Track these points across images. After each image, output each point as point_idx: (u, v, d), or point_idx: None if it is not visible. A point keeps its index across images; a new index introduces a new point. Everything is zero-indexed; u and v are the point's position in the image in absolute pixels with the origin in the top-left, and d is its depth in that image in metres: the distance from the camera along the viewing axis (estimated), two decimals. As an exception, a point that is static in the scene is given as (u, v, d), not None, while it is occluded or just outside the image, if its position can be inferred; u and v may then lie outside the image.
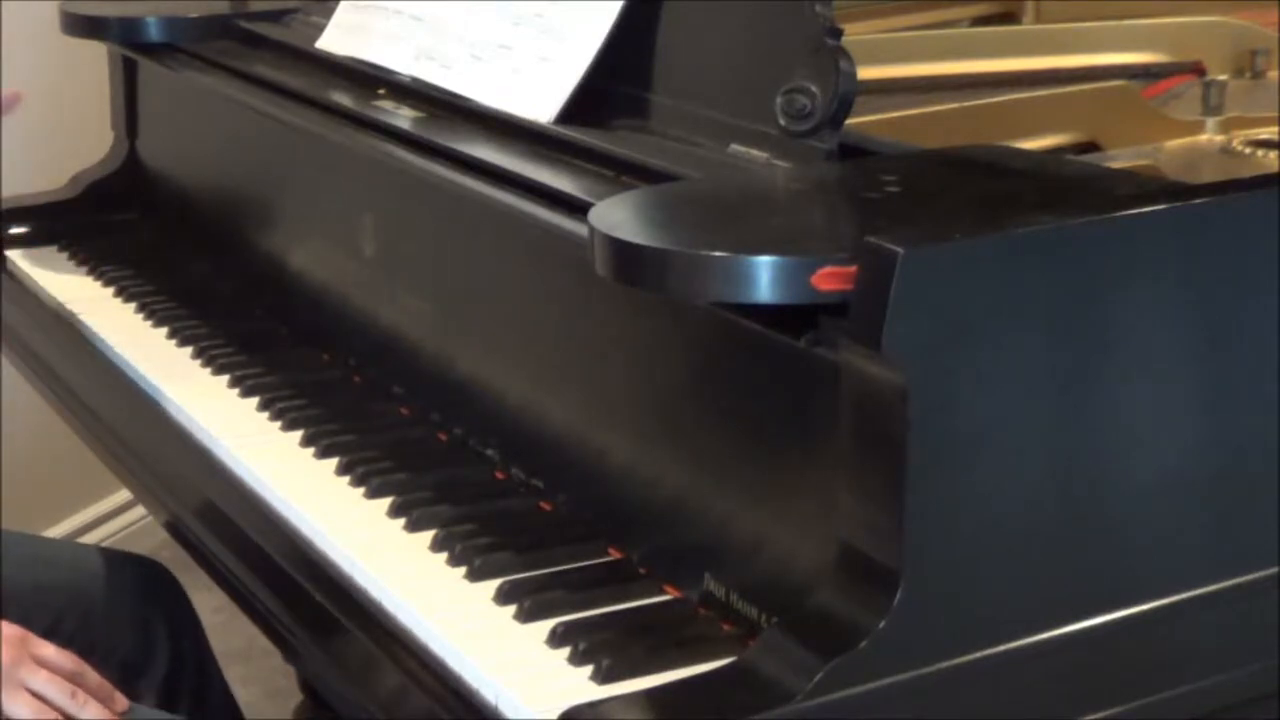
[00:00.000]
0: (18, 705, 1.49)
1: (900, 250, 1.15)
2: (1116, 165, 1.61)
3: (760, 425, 1.34)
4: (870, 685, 1.18)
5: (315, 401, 1.78)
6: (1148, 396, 1.26)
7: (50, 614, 1.76)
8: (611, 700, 1.21)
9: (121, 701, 1.57)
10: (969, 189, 1.39)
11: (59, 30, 2.31)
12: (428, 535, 1.50)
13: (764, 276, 1.19)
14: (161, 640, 1.84)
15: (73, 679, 1.53)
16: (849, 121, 1.46)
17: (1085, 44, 2.06)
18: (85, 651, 1.76)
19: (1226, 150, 1.83)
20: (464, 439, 1.68)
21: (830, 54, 1.45)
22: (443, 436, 1.71)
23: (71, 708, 1.50)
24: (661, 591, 1.41)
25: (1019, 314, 1.21)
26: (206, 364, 1.91)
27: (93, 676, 1.55)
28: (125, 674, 1.80)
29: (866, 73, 1.50)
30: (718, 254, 1.21)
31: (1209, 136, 1.86)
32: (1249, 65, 2.05)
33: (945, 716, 1.22)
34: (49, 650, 1.53)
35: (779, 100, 1.47)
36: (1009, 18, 2.28)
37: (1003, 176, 1.42)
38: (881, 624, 1.18)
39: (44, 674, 1.51)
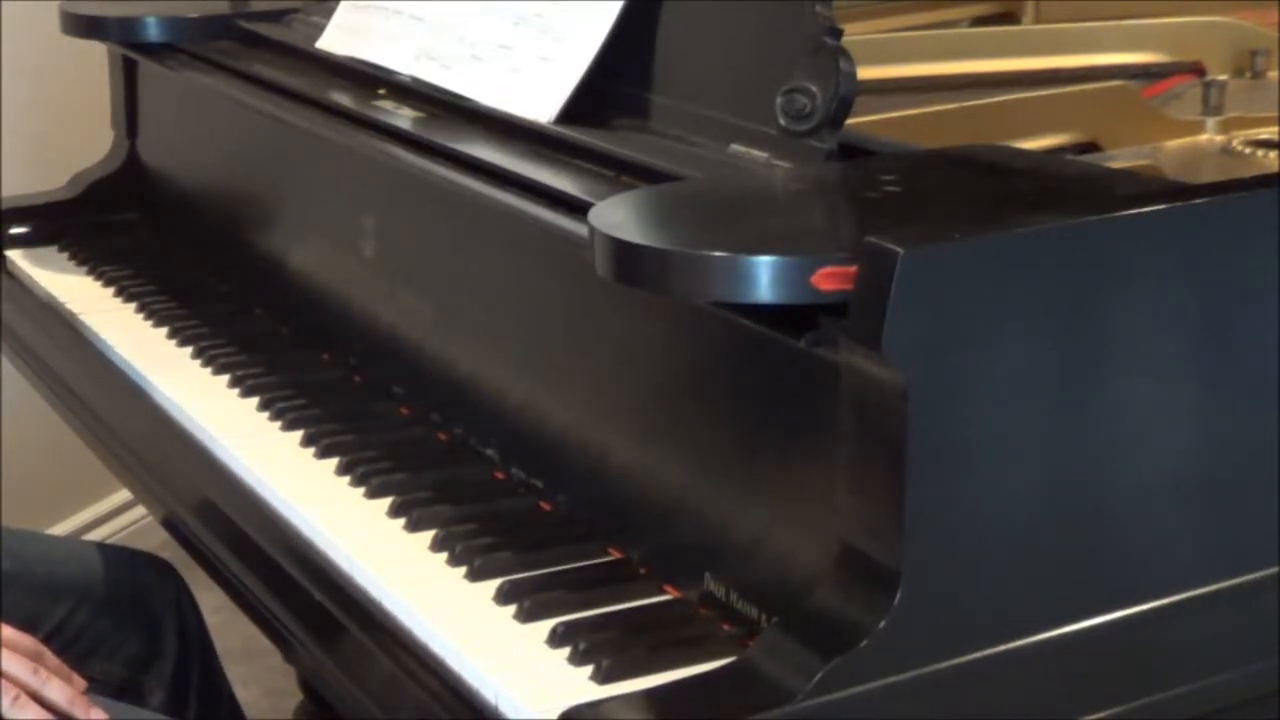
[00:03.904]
0: None
1: (900, 250, 1.15)
2: (1116, 165, 1.61)
3: (760, 425, 1.34)
4: (870, 685, 1.18)
5: (315, 401, 1.78)
6: (1147, 396, 1.26)
7: (60, 610, 1.78)
8: (611, 700, 1.21)
9: (80, 682, 1.57)
10: (969, 189, 1.39)
11: (59, 30, 2.31)
12: (428, 535, 1.50)
13: (764, 276, 1.19)
14: (169, 635, 1.85)
15: (33, 659, 1.53)
16: (849, 121, 1.46)
17: (1085, 44, 2.06)
18: (94, 647, 1.78)
19: (1226, 150, 1.83)
20: (464, 439, 1.68)
21: (830, 54, 1.45)
22: (443, 436, 1.71)
23: (35, 683, 1.50)
24: (661, 591, 1.41)
25: (1019, 314, 1.21)
26: (206, 364, 1.91)
27: (51, 657, 1.55)
28: (134, 669, 1.81)
29: (866, 73, 1.50)
30: (718, 254, 1.21)
31: (1209, 136, 1.86)
32: (1249, 65, 2.05)
33: (945, 716, 1.22)
34: (7, 631, 1.53)
35: (779, 100, 1.47)
36: (1009, 18, 2.27)
37: (1003, 176, 1.42)
38: (881, 624, 1.18)
39: (5, 652, 1.51)
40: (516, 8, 1.74)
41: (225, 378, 1.87)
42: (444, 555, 1.47)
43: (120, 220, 2.37)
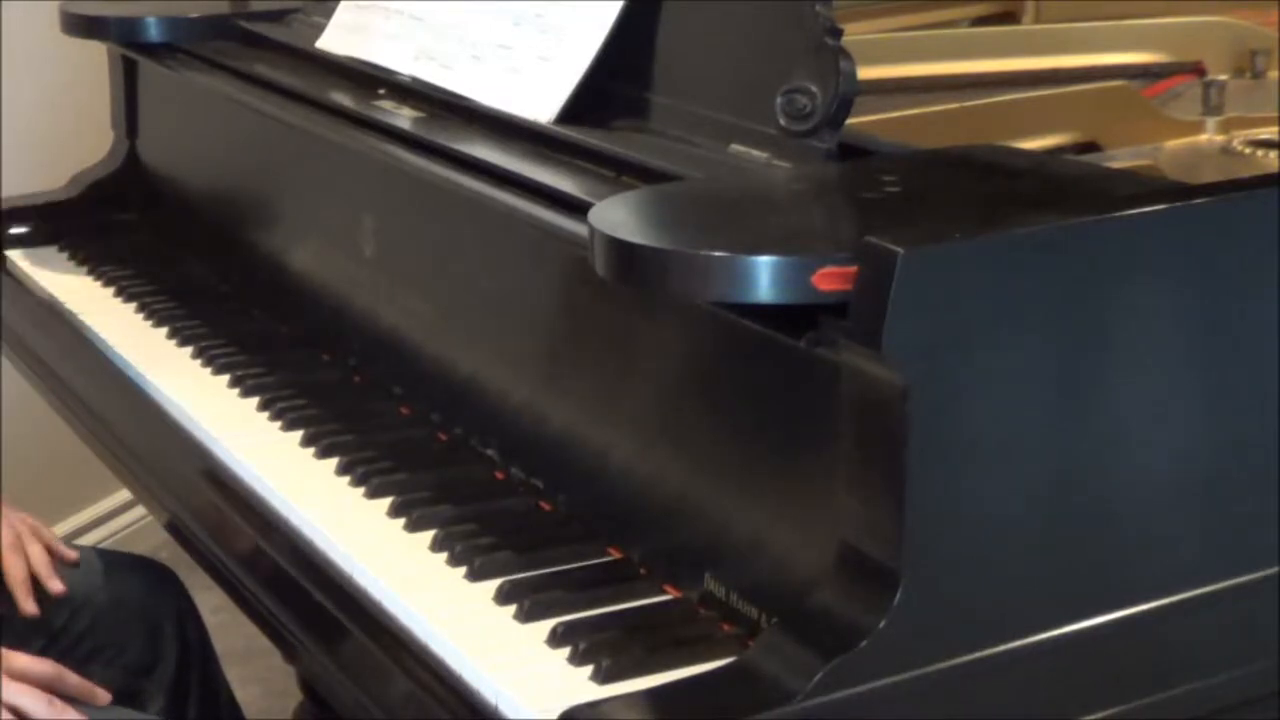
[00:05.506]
0: None
1: (900, 250, 1.15)
2: (1116, 165, 1.61)
3: (760, 425, 1.34)
4: (870, 685, 1.18)
5: (315, 401, 1.78)
6: (1147, 396, 1.26)
7: (62, 616, 1.77)
8: (611, 700, 1.21)
9: (103, 696, 1.58)
10: (969, 189, 1.39)
11: (59, 30, 2.31)
12: (428, 535, 1.50)
13: (764, 276, 1.19)
14: (169, 640, 1.85)
15: (51, 685, 1.52)
16: (849, 121, 1.46)
17: (1085, 44, 2.06)
18: (94, 652, 1.78)
19: (1226, 150, 1.83)
20: (464, 439, 1.68)
21: (830, 54, 1.45)
22: (443, 436, 1.71)
23: (50, 715, 1.50)
24: (661, 591, 1.41)
25: (1019, 314, 1.21)
26: (206, 364, 1.91)
27: (72, 678, 1.55)
28: (134, 674, 1.81)
29: (866, 73, 1.50)
30: (718, 254, 1.21)
31: (1209, 136, 1.86)
32: (1249, 65, 2.05)
33: (945, 716, 1.22)
34: (22, 661, 1.53)
35: (779, 100, 1.47)
36: (1009, 18, 2.28)
37: (1003, 176, 1.42)
38: (881, 624, 1.18)
39: (17, 686, 1.50)
40: (516, 8, 1.74)
41: (225, 378, 1.86)
42: (444, 555, 1.47)
43: (120, 220, 2.37)
